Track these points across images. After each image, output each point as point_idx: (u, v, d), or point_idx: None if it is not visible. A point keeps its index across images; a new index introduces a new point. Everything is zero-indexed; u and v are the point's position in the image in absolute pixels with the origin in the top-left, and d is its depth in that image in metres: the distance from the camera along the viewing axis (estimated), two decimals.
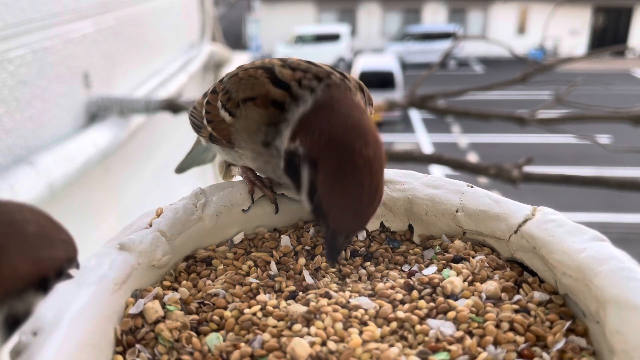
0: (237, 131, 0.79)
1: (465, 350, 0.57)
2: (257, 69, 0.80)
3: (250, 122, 0.77)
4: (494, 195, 0.77)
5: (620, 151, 5.90)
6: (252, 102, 0.76)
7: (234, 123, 0.79)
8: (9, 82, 1.77)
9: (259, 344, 0.58)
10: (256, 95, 0.76)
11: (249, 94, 0.77)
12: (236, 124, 0.79)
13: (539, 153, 7.97)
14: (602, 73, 15.84)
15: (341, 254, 0.75)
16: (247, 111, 0.77)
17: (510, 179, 3.05)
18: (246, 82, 0.79)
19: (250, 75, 0.80)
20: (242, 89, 0.79)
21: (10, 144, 1.78)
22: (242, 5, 23.57)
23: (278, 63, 0.80)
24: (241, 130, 0.78)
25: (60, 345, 0.54)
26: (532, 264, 0.70)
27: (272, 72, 0.78)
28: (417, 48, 20.27)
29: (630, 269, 0.59)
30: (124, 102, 2.45)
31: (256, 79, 0.78)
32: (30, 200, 1.70)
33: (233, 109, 0.79)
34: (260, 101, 0.76)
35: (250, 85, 0.78)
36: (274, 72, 0.78)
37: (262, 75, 0.78)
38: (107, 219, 2.47)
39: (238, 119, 0.78)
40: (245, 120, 0.77)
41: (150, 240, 0.71)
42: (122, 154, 2.63)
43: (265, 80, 0.77)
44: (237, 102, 0.78)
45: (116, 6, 2.72)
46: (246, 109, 0.77)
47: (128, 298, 0.65)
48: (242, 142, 0.79)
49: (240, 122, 0.78)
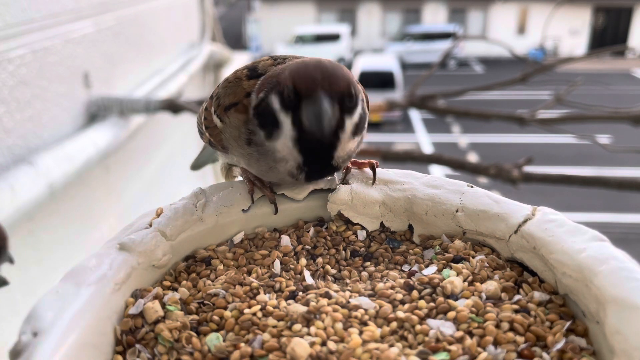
0: (226, 138, 0.80)
1: (465, 351, 0.57)
2: (244, 69, 0.81)
3: (233, 129, 0.78)
4: (494, 195, 0.77)
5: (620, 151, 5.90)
6: (234, 108, 0.77)
7: (223, 129, 0.80)
8: (9, 82, 1.77)
9: (259, 344, 0.58)
10: (238, 101, 0.77)
11: (232, 100, 0.78)
12: (224, 130, 0.80)
13: (539, 153, 7.97)
14: (602, 73, 15.85)
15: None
16: (230, 118, 0.78)
17: (510, 179, 3.05)
18: (231, 87, 0.80)
19: (236, 77, 0.81)
20: (227, 95, 0.80)
21: (10, 144, 1.78)
22: (242, 5, 23.57)
23: (266, 59, 0.82)
24: (229, 137, 0.80)
25: (60, 345, 0.54)
26: (532, 264, 0.70)
27: (254, 70, 0.80)
28: (417, 48, 20.28)
29: (630, 269, 0.59)
30: (124, 102, 2.45)
31: (239, 80, 0.79)
32: (30, 200, 1.71)
33: (222, 115, 0.80)
34: (241, 106, 0.77)
35: (232, 91, 0.79)
36: (257, 69, 0.80)
37: (243, 75, 0.80)
38: (107, 219, 2.47)
39: (226, 126, 0.79)
40: (229, 127, 0.79)
41: (150, 240, 0.71)
42: (122, 154, 2.63)
43: (244, 80, 0.78)
44: (224, 107, 0.79)
45: (116, 6, 2.72)
46: (229, 115, 0.78)
47: (128, 298, 0.65)
48: (232, 148, 0.80)
49: (227, 129, 0.79)
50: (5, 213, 1.58)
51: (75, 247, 2.10)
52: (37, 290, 1.83)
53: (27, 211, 1.71)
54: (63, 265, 1.76)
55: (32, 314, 0.57)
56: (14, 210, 1.62)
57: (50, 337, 0.54)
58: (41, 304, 0.58)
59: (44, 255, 1.90)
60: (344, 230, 0.80)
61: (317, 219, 0.83)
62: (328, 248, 0.77)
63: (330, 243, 0.77)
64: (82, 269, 0.64)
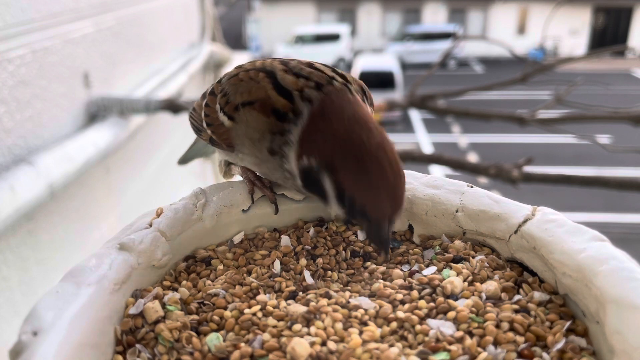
0: (238, 136, 0.77)
1: (465, 350, 0.57)
2: (259, 71, 0.78)
3: (251, 129, 0.75)
4: (494, 195, 0.77)
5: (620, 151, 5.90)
6: (251, 106, 0.75)
7: (234, 128, 0.77)
8: (9, 82, 1.77)
9: (259, 344, 0.58)
10: (255, 100, 0.75)
11: (247, 98, 0.76)
12: (237, 129, 0.77)
13: (539, 153, 7.97)
14: (602, 73, 15.84)
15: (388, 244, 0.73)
16: (247, 116, 0.75)
17: (510, 179, 3.04)
18: (245, 85, 0.77)
19: (251, 78, 0.78)
20: (240, 92, 0.77)
21: (10, 144, 1.78)
22: (242, 5, 23.56)
23: (280, 67, 0.78)
24: (242, 136, 0.77)
25: (60, 345, 0.54)
26: (532, 264, 0.70)
27: (274, 77, 0.76)
28: (417, 48, 20.28)
29: (630, 269, 0.59)
30: (124, 102, 2.44)
31: (257, 83, 0.76)
32: (30, 200, 1.71)
33: (232, 112, 0.77)
34: (259, 106, 0.74)
35: (248, 89, 0.77)
36: (277, 77, 0.76)
37: (264, 80, 0.76)
38: (107, 219, 2.47)
39: (238, 124, 0.77)
40: (246, 126, 0.76)
41: (150, 240, 0.71)
42: (122, 154, 2.63)
43: (268, 86, 0.75)
44: (236, 105, 0.77)
45: (116, 6, 2.72)
46: (246, 113, 0.75)
47: (128, 298, 0.65)
48: (244, 147, 0.78)
49: (241, 128, 0.76)
50: (5, 213, 1.58)
51: (75, 247, 2.10)
52: (37, 290, 1.83)
53: (27, 211, 1.71)
54: (63, 265, 1.76)
55: (32, 314, 0.57)
56: (14, 210, 1.62)
57: (50, 337, 0.54)
58: (41, 304, 0.58)
59: (44, 255, 1.90)
60: (344, 231, 0.80)
61: (317, 219, 0.83)
62: (328, 248, 0.77)
63: (330, 243, 0.77)
64: (82, 269, 0.64)
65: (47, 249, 1.93)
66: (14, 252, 1.71)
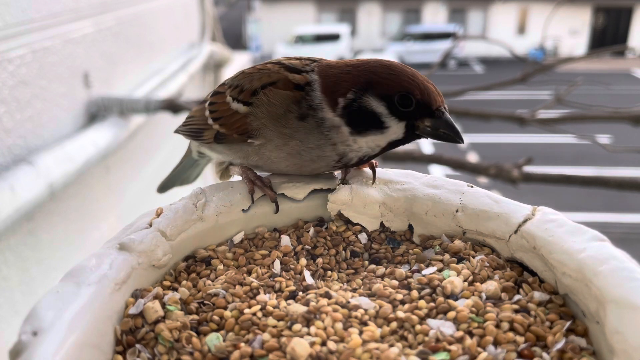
0: (257, 119, 0.79)
1: (465, 350, 0.57)
2: (266, 64, 0.84)
3: (274, 107, 0.78)
4: (494, 195, 0.77)
5: (620, 151, 5.90)
6: (273, 85, 0.78)
7: (252, 112, 0.79)
8: (9, 82, 1.77)
9: (259, 344, 0.58)
10: (276, 80, 0.79)
11: (267, 80, 0.80)
12: (255, 112, 0.79)
13: (539, 153, 7.98)
14: (602, 73, 15.85)
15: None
16: (268, 96, 0.78)
17: (510, 179, 3.04)
18: (260, 74, 0.81)
19: (260, 69, 0.82)
20: (258, 78, 0.81)
21: (10, 144, 1.78)
22: (242, 5, 23.56)
23: (284, 58, 0.85)
24: (264, 117, 0.79)
25: (60, 345, 0.54)
26: (532, 264, 0.70)
27: (282, 64, 0.82)
28: (417, 48, 20.29)
29: (630, 269, 0.59)
30: (124, 102, 2.44)
31: (269, 70, 0.81)
32: (30, 200, 1.70)
33: (248, 98, 0.80)
34: (282, 84, 0.78)
35: (266, 74, 0.81)
36: (284, 63, 0.82)
37: (275, 67, 0.82)
38: (107, 219, 2.47)
39: (258, 107, 0.79)
40: (267, 105, 0.78)
41: (150, 240, 0.71)
42: (122, 154, 2.62)
43: (281, 69, 0.80)
44: (254, 90, 0.79)
45: (116, 6, 2.72)
46: (267, 94, 0.78)
47: (128, 298, 0.65)
48: (266, 130, 0.79)
49: (261, 109, 0.79)
50: (5, 213, 1.58)
51: (75, 247, 2.10)
52: (37, 290, 1.83)
53: (27, 211, 1.71)
54: (63, 265, 1.76)
55: (32, 314, 0.57)
56: (14, 210, 1.62)
57: (50, 337, 0.54)
58: (41, 304, 0.58)
59: (44, 255, 1.90)
60: (344, 231, 0.80)
61: (317, 219, 0.83)
62: (328, 248, 0.77)
63: (330, 243, 0.77)
64: (82, 269, 0.64)
65: (47, 249, 1.93)
66: (14, 252, 1.71)
